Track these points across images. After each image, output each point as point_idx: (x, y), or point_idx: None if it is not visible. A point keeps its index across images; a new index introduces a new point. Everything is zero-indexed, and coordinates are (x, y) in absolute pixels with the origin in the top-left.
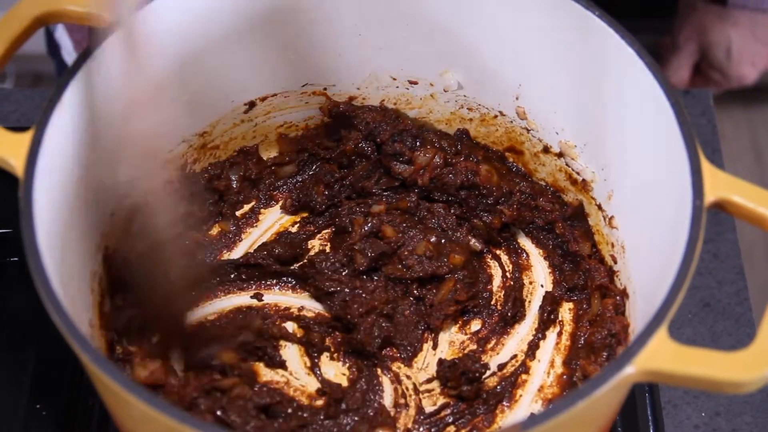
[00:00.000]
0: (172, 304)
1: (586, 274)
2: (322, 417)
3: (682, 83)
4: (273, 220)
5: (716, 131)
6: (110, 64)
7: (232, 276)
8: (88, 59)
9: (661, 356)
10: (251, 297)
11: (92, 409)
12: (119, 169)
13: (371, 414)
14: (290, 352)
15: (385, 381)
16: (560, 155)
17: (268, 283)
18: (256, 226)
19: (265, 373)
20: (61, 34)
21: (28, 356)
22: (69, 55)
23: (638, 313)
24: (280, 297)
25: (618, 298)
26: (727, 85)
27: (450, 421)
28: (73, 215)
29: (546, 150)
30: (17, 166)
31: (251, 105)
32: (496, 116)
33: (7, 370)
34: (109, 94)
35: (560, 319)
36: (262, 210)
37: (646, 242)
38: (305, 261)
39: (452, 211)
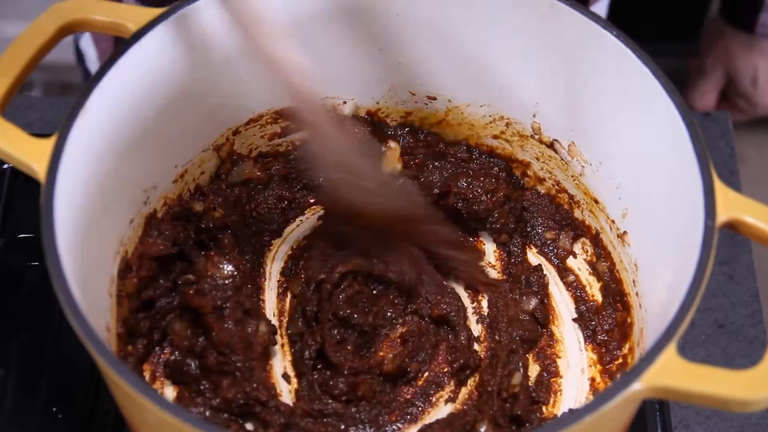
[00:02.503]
0: None
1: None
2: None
3: (708, 108)
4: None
5: (734, 154)
6: (134, 73)
7: None
8: (112, 67)
9: (669, 373)
10: None
11: (108, 413)
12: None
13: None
14: None
15: None
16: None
17: None
18: None
19: None
20: (86, 44)
21: (46, 360)
22: (93, 64)
23: (649, 330)
24: None
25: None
26: (752, 112)
27: None
28: (93, 221)
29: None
30: (40, 171)
31: None
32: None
33: (24, 373)
34: (133, 103)
35: None
36: None
37: (659, 260)
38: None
39: None
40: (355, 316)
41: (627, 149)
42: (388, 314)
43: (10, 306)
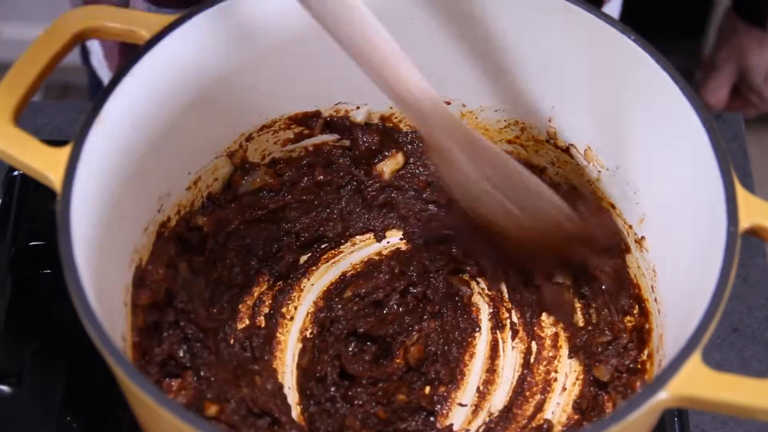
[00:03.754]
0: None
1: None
2: None
3: (720, 104)
4: None
5: (747, 156)
6: (148, 80)
7: None
8: (127, 75)
9: (694, 382)
10: None
11: (122, 422)
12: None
13: None
14: None
15: None
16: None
17: None
18: None
19: None
20: (92, 41)
21: (59, 368)
22: (98, 62)
23: (668, 336)
24: None
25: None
26: (764, 108)
27: None
28: (109, 229)
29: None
30: (55, 180)
31: None
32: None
33: (37, 382)
34: (147, 110)
35: None
36: None
37: (678, 266)
38: None
39: None
40: (373, 328)
41: (645, 154)
42: (406, 321)
43: (23, 314)
